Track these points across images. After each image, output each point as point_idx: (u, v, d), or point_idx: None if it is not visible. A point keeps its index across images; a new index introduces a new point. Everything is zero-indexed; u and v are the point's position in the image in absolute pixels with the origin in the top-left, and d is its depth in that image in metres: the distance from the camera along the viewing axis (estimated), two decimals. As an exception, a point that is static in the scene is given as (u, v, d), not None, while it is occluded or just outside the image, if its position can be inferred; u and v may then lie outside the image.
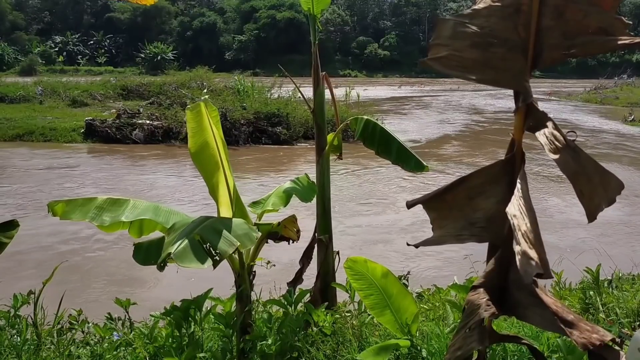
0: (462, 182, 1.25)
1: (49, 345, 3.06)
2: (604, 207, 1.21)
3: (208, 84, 22.06)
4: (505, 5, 1.30)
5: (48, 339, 3.11)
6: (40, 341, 3.06)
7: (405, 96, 35.17)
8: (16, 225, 2.56)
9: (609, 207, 1.22)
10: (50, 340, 3.10)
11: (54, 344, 3.03)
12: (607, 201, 1.20)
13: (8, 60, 57.60)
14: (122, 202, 2.70)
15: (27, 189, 9.88)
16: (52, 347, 3.03)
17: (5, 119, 17.18)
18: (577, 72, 61.46)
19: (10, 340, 2.99)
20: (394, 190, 9.88)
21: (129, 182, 10.68)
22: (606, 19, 1.27)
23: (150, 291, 5.43)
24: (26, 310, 3.18)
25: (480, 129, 19.17)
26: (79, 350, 3.01)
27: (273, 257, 3.66)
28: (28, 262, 6.17)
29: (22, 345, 2.91)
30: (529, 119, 1.25)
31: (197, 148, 2.67)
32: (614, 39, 1.26)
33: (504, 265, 1.26)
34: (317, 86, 3.53)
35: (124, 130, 15.33)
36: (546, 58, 1.29)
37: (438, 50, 1.22)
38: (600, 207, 1.21)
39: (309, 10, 3.48)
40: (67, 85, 25.11)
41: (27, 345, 2.95)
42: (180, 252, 2.15)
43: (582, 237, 7.07)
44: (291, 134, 15.72)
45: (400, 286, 2.55)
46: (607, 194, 1.20)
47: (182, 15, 75.70)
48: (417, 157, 3.36)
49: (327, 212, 3.58)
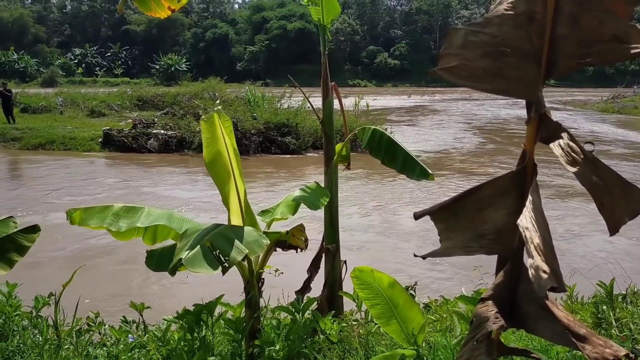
0: (471, 193, 1.24)
1: (68, 345, 3.16)
2: (627, 220, 1.18)
3: (220, 95, 22.32)
4: (518, 13, 1.29)
5: (67, 339, 3.20)
6: (60, 341, 3.16)
7: (416, 105, 35.11)
8: (37, 230, 2.63)
9: (632, 219, 1.18)
10: (70, 340, 3.20)
11: (73, 344, 3.14)
12: (629, 214, 1.17)
13: (31, 72, 59.34)
14: (137, 210, 2.76)
15: (47, 193, 10.05)
16: (71, 347, 3.13)
17: (29, 128, 17.73)
18: (594, 81, 60.34)
19: (33, 340, 3.12)
20: (405, 201, 9.83)
21: (143, 189, 10.80)
22: (621, 26, 1.26)
23: (163, 296, 5.46)
24: (47, 311, 3.30)
25: (494, 138, 19.03)
26: (97, 351, 3.10)
27: (281, 265, 3.66)
28: (48, 264, 6.27)
29: (44, 345, 3.02)
30: (542, 130, 1.23)
31: (211, 158, 2.71)
32: (628, 47, 1.24)
33: (514, 278, 1.23)
34: (326, 96, 3.55)
35: (140, 140, 15.61)
36: (561, 67, 1.27)
37: (448, 60, 1.21)
38: (622, 220, 1.17)
39: (319, 21, 3.51)
40: (86, 96, 25.82)
41: (48, 344, 3.06)
42: (191, 258, 2.18)
43: (596, 249, 6.94)
44: (300, 144, 15.80)
45: (406, 296, 2.53)
46: (629, 207, 1.16)
47: (195, 26, 77.04)
48: (422, 165, 3.34)
49: (334, 221, 3.58)
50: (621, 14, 1.24)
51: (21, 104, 23.02)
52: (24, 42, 66.72)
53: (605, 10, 1.24)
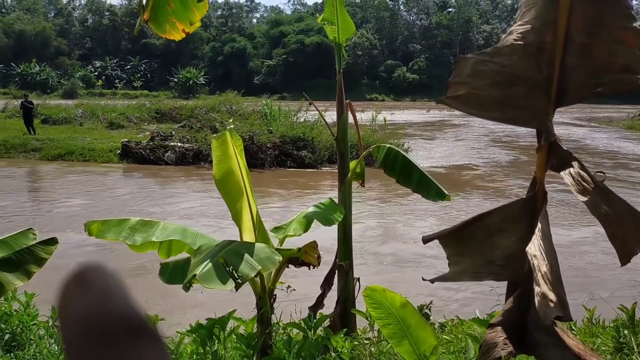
0: (480, 219, 1.25)
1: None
2: (638, 250, 1.18)
3: (237, 108, 22.60)
4: (528, 43, 1.31)
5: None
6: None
7: (434, 120, 34.93)
8: (55, 242, 2.69)
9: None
10: (85, 350, 3.22)
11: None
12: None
13: (52, 84, 61.15)
14: (153, 224, 2.82)
15: (69, 205, 10.27)
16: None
17: (49, 139, 18.10)
18: (619, 97, 58.86)
19: (49, 349, 3.17)
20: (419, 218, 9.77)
21: (158, 201, 10.96)
22: (631, 56, 1.27)
23: (177, 309, 5.50)
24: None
25: (514, 156, 18.82)
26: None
27: (293, 281, 3.67)
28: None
29: (59, 355, 3.08)
30: (552, 158, 1.24)
31: (222, 175, 2.76)
32: (639, 77, 1.26)
33: (523, 304, 1.24)
34: (341, 114, 3.60)
35: (157, 152, 15.87)
36: (571, 96, 1.29)
37: (457, 88, 1.24)
38: (634, 251, 1.17)
39: (335, 40, 3.58)
40: (105, 108, 26.32)
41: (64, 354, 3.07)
42: (205, 274, 2.22)
43: (617, 272, 6.77)
44: (316, 158, 15.88)
45: (419, 317, 2.52)
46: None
47: (213, 40, 78.47)
48: (438, 186, 3.33)
49: (348, 238, 3.59)
50: (631, 44, 1.26)
51: (42, 115, 23.47)
52: (46, 55, 68.83)
53: (615, 40, 1.26)
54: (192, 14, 2.38)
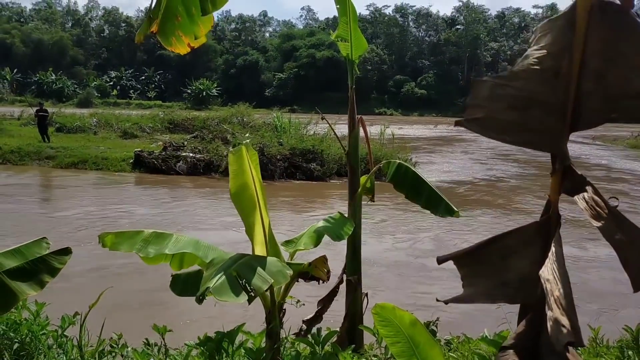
0: (495, 240, 1.26)
1: (91, 367, 3.19)
2: None
3: (248, 120, 22.80)
4: (544, 68, 1.32)
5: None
6: (83, 362, 3.19)
7: (442, 135, 34.91)
8: (69, 252, 2.71)
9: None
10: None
11: (96, 366, 3.17)
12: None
13: (67, 93, 62.32)
14: (165, 236, 2.85)
15: (81, 214, 10.40)
16: (94, 369, 3.16)
17: (63, 147, 18.37)
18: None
19: (57, 359, 3.16)
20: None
21: (169, 210, 11.05)
22: (645, 82, 1.28)
23: (185, 321, 5.50)
24: (72, 330, 3.34)
25: (522, 172, 18.69)
26: (118, 373, 3.12)
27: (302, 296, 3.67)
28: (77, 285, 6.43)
29: None
30: (567, 182, 1.25)
31: (237, 189, 2.80)
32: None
33: (536, 328, 1.24)
34: (353, 129, 3.63)
35: (169, 162, 16.04)
36: (586, 121, 1.30)
37: (474, 111, 1.26)
38: (648, 279, 1.17)
39: (348, 56, 3.62)
40: (119, 118, 26.70)
41: (72, 365, 3.07)
42: (218, 286, 2.24)
43: (624, 292, 6.66)
44: (325, 171, 15.93)
45: (428, 336, 2.50)
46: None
47: (227, 53, 79.62)
48: (447, 202, 3.34)
49: (357, 252, 3.59)
50: (646, 70, 1.27)
51: (57, 123, 23.77)
52: (62, 64, 70.32)
53: (631, 67, 1.28)
54: (197, 28, 2.42)
